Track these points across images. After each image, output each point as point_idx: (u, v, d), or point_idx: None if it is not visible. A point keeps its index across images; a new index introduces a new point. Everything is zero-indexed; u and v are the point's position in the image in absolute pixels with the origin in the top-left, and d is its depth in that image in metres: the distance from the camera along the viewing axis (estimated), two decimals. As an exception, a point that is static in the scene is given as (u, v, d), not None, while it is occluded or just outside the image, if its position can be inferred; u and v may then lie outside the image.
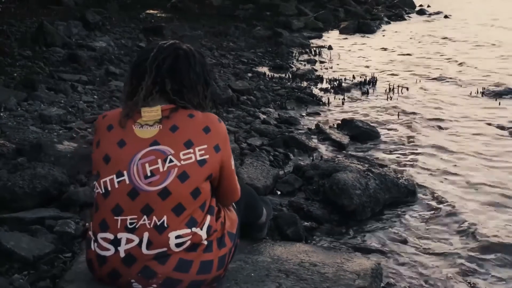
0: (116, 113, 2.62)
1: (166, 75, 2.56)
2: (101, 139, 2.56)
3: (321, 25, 17.87)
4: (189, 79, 2.60)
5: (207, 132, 2.52)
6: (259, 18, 17.82)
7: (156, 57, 2.57)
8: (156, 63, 2.56)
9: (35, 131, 5.46)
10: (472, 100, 8.77)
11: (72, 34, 11.18)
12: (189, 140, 2.49)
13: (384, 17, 20.54)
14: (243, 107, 7.60)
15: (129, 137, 2.50)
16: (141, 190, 2.44)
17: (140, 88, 2.54)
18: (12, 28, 11.58)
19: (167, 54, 2.59)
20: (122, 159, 2.48)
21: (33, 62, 8.82)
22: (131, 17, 14.94)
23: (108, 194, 2.47)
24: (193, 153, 2.47)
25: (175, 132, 2.49)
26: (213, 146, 2.53)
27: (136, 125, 2.52)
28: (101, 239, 2.50)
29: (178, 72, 2.58)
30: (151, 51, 2.60)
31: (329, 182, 4.67)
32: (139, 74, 2.58)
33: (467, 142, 6.70)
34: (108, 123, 2.58)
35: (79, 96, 7.31)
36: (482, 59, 12.22)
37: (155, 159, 2.45)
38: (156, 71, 2.54)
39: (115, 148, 2.49)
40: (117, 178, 2.46)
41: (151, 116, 2.51)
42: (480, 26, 17.95)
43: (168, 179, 2.44)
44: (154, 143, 2.48)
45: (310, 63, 11.85)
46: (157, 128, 2.50)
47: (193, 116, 2.55)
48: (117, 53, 10.36)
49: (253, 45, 13.60)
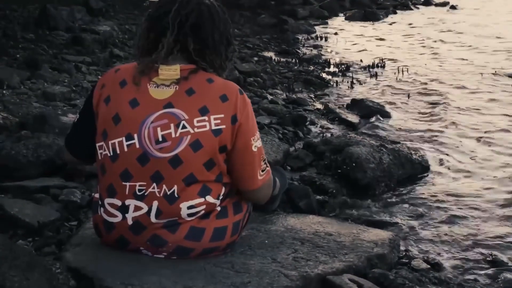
0: (130, 67, 2.44)
1: (189, 33, 2.36)
2: (112, 95, 2.37)
3: (327, 14, 17.71)
4: (213, 39, 2.41)
5: (224, 100, 2.32)
6: (264, 7, 17.65)
7: (179, 12, 2.36)
8: (179, 18, 2.35)
9: (39, 107, 5.33)
10: (483, 82, 8.62)
11: (76, 19, 11.03)
12: (205, 106, 2.31)
13: (390, 7, 20.34)
14: (250, 88, 7.46)
15: (143, 96, 2.33)
16: (152, 156, 2.28)
17: (161, 45, 2.36)
18: (14, 13, 11.46)
19: (191, 9, 2.38)
20: (133, 121, 2.31)
21: (36, 45, 8.69)
22: (135, 5, 14.77)
23: (116, 158, 2.32)
24: (208, 121, 2.29)
25: (191, 96, 2.31)
26: (230, 116, 2.32)
27: (151, 84, 2.34)
28: (108, 205, 2.36)
29: (202, 31, 2.39)
30: (173, 3, 2.39)
31: (342, 156, 4.54)
32: (159, 28, 2.39)
33: (484, 117, 6.55)
34: (122, 78, 2.39)
35: (83, 76, 7.19)
36: (490, 46, 12.05)
37: (167, 123, 2.28)
38: (179, 28, 2.35)
39: (127, 108, 2.32)
40: (127, 141, 2.30)
41: (169, 75, 2.33)
42: (488, 15, 17.78)
43: (180, 146, 2.28)
44: (168, 105, 2.30)
45: (316, 49, 11.70)
46: (173, 89, 2.32)
47: (212, 82, 2.36)
48: (121, 37, 10.24)
49: (258, 32, 13.45)
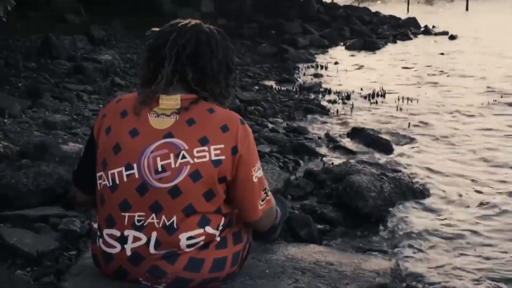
0: (131, 97, 2.43)
1: (187, 63, 2.35)
2: (113, 125, 2.36)
3: (327, 43, 17.85)
4: (211, 68, 2.39)
5: (225, 131, 2.30)
6: (264, 36, 17.80)
7: (176, 42, 2.36)
8: (176, 49, 2.35)
9: (40, 135, 5.34)
10: (485, 110, 8.65)
11: (78, 48, 11.12)
12: (205, 136, 2.28)
13: (390, 36, 20.51)
14: (251, 117, 7.48)
15: (143, 126, 2.31)
16: (151, 186, 2.26)
17: (160, 76, 2.36)
18: (17, 42, 11.57)
19: (188, 38, 2.37)
20: (133, 150, 2.29)
21: (38, 74, 8.76)
22: (137, 34, 14.90)
23: (115, 188, 2.30)
24: (208, 152, 2.26)
25: (191, 126, 2.29)
26: (230, 147, 2.29)
27: (151, 114, 2.33)
28: (106, 235, 2.33)
29: (200, 61, 2.37)
30: (171, 34, 2.39)
31: (343, 184, 4.51)
32: (158, 59, 2.38)
33: (482, 150, 6.55)
34: (123, 109, 2.38)
35: (85, 104, 7.22)
36: (488, 73, 12.12)
37: (167, 153, 2.26)
38: (176, 59, 2.35)
39: (127, 137, 2.31)
40: (126, 171, 2.28)
41: (169, 105, 2.31)
42: (485, 45, 17.90)
43: (179, 176, 2.25)
44: (168, 135, 2.29)
45: (317, 77, 11.76)
46: (173, 119, 2.30)
47: (213, 112, 2.34)
48: (123, 66, 10.31)
49: (259, 61, 13.55)
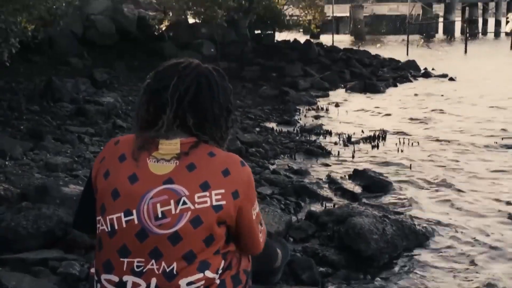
0: (129, 140, 2.40)
1: (187, 109, 2.35)
2: (111, 169, 2.33)
3: (327, 85, 17.95)
4: (212, 113, 2.37)
5: (226, 175, 2.28)
6: (265, 79, 17.94)
7: (178, 87, 2.33)
8: (178, 94, 2.33)
9: (41, 177, 5.33)
10: (486, 151, 8.66)
11: (80, 91, 11.22)
12: (206, 181, 2.26)
13: (390, 79, 20.64)
14: (252, 159, 7.49)
15: (142, 172, 2.28)
16: (151, 232, 2.22)
17: (161, 122, 2.35)
18: (20, 85, 11.66)
19: (189, 83, 2.36)
20: (133, 196, 2.26)
21: (40, 116, 8.80)
22: (139, 77, 15.01)
23: (114, 233, 2.26)
24: (209, 197, 2.23)
25: (191, 172, 2.27)
26: (231, 191, 2.26)
27: (151, 159, 2.30)
28: (105, 281, 2.28)
29: (201, 106, 2.36)
30: (171, 78, 2.38)
31: (345, 226, 4.48)
32: (158, 103, 2.37)
33: (484, 190, 6.53)
34: (121, 152, 2.36)
35: (86, 147, 7.23)
36: (488, 115, 12.16)
37: (167, 199, 2.23)
38: (178, 104, 2.35)
39: (126, 183, 2.28)
40: (125, 217, 2.24)
41: (169, 150, 2.29)
42: (484, 88, 18.02)
43: (180, 222, 2.22)
44: (168, 181, 2.26)
45: (318, 119, 11.82)
46: (173, 164, 2.27)
47: (214, 156, 2.32)
48: (124, 108, 10.37)
49: (260, 103, 13.63)
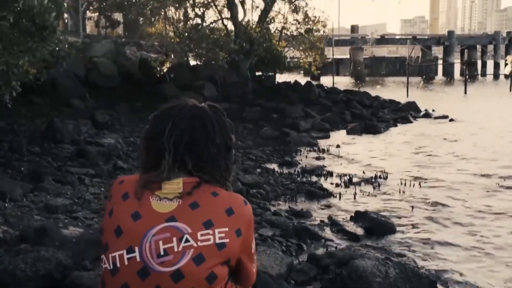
0: (133, 180, 2.41)
1: (185, 153, 2.37)
2: (115, 208, 2.34)
3: (328, 127, 18.01)
4: (209, 153, 2.39)
5: (230, 214, 2.28)
6: (267, 120, 18.00)
7: (173, 132, 2.36)
8: (173, 139, 2.35)
9: (40, 219, 5.29)
10: (488, 194, 8.62)
11: (81, 132, 11.24)
12: (209, 220, 2.26)
13: (390, 120, 20.71)
14: (253, 200, 7.44)
15: (145, 209, 2.28)
16: (152, 270, 2.20)
17: (162, 166, 2.36)
18: (22, 127, 11.69)
19: (184, 127, 2.38)
20: (135, 234, 2.26)
21: (41, 157, 8.79)
22: (140, 118, 15.08)
23: (116, 271, 2.24)
24: (212, 235, 2.23)
25: (194, 210, 2.26)
26: (234, 230, 2.26)
27: (154, 198, 2.30)
28: (108, 319, 2.26)
29: (197, 147, 2.38)
30: (166, 123, 2.41)
31: (347, 269, 4.42)
32: (156, 148, 2.40)
33: (486, 232, 6.47)
34: (124, 191, 2.37)
35: (86, 188, 7.20)
36: (489, 156, 12.15)
37: (170, 237, 2.22)
38: (175, 149, 2.36)
39: (129, 221, 2.28)
40: (128, 254, 2.23)
41: (171, 189, 2.29)
42: (484, 129, 18.08)
43: (182, 260, 2.20)
44: (171, 219, 2.25)
45: (319, 160, 11.80)
46: (176, 203, 2.27)
47: (217, 195, 2.33)
48: (125, 150, 10.37)
49: (261, 144, 13.65)
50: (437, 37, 63.07)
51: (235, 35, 23.68)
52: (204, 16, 25.15)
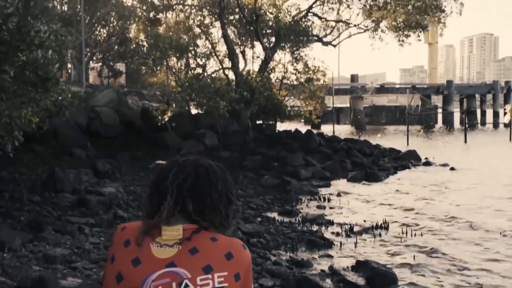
0: (135, 226, 2.46)
1: (187, 195, 2.42)
2: (116, 254, 2.37)
3: (329, 175, 18.01)
4: (211, 199, 2.45)
5: (229, 258, 2.32)
6: (267, 168, 18.03)
7: (177, 176, 2.44)
8: (177, 182, 2.43)
9: (38, 270, 5.25)
10: (490, 242, 8.57)
11: (82, 181, 11.26)
12: (209, 265, 2.29)
13: (391, 168, 20.73)
14: (253, 249, 7.40)
15: (145, 255, 2.32)
16: (153, 315, 2.22)
17: (162, 207, 2.41)
18: (23, 176, 11.72)
19: (188, 172, 2.47)
20: (135, 280, 2.28)
21: (41, 207, 8.79)
22: (141, 167, 15.12)
23: (117, 316, 2.25)
24: (211, 279, 2.26)
25: (194, 255, 2.30)
26: (233, 274, 2.30)
27: (154, 244, 2.34)
28: None
29: (200, 192, 2.44)
30: (171, 169, 2.48)
31: (348, 320, 4.37)
32: (160, 193, 2.45)
33: (490, 284, 6.40)
34: (126, 238, 2.41)
35: (86, 237, 7.17)
36: (491, 206, 12.12)
37: (169, 282, 2.24)
38: (178, 191, 2.42)
39: (129, 267, 2.30)
40: (128, 300, 2.26)
41: (171, 236, 2.34)
42: (485, 177, 18.09)
43: (182, 304, 2.23)
44: (171, 264, 2.28)
45: (319, 209, 11.76)
46: (176, 249, 2.31)
47: (216, 240, 2.37)
48: (126, 199, 10.36)
49: (262, 192, 13.63)
50: (436, 86, 63.65)
51: (236, 84, 23.96)
52: (206, 66, 25.57)
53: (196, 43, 25.67)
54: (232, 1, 25.22)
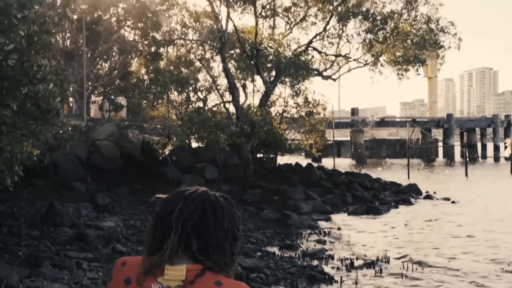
0: (136, 263, 2.40)
1: (192, 233, 2.37)
2: None
3: (329, 209, 17.94)
4: (216, 238, 2.39)
5: None
6: (268, 202, 17.96)
7: (182, 212, 2.38)
8: (182, 218, 2.37)
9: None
10: (493, 278, 8.47)
11: (81, 215, 11.22)
12: None
13: (392, 202, 20.65)
14: (253, 285, 7.33)
15: None
16: None
17: (165, 245, 2.36)
18: (22, 210, 11.68)
19: (194, 208, 2.41)
20: None
21: (39, 241, 8.74)
22: (141, 201, 15.08)
23: None
24: None
25: None
26: None
27: (155, 285, 2.29)
28: None
29: (205, 230, 2.39)
30: (177, 203, 2.43)
31: None
32: (163, 228, 2.40)
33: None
34: (127, 276, 2.35)
35: (84, 272, 7.12)
36: (493, 239, 12.04)
37: (170, 325, 2.21)
38: (182, 228, 2.37)
39: None
40: None
41: (174, 276, 2.28)
42: (486, 212, 18.01)
43: None
44: None
45: (320, 243, 11.68)
46: None
47: (221, 284, 2.32)
48: (125, 233, 10.30)
49: (262, 226, 13.56)
50: (436, 120, 63.83)
51: (236, 118, 24.06)
52: (206, 99, 25.71)
53: (197, 77, 25.86)
54: (233, 36, 25.47)
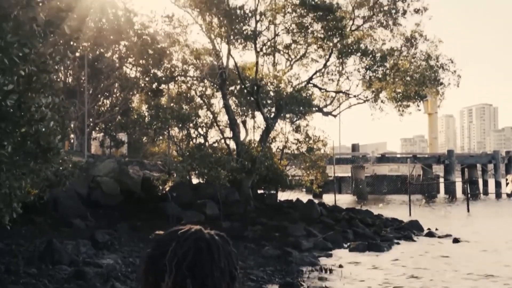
0: None
1: (187, 274, 2.31)
2: None
3: (331, 245, 17.81)
4: (212, 278, 2.34)
5: None
6: (268, 239, 17.82)
7: (176, 252, 2.32)
8: (176, 259, 2.31)
9: None
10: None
11: (80, 252, 11.12)
12: None
13: (393, 239, 20.51)
14: (253, 324, 7.20)
15: None
16: None
17: None
18: (20, 247, 11.58)
19: (188, 247, 2.34)
20: None
21: (37, 280, 8.64)
22: (140, 238, 14.96)
23: None
24: None
25: None
26: None
27: None
28: None
29: (200, 271, 2.33)
30: (169, 243, 2.37)
31: None
32: (157, 271, 2.35)
33: None
34: None
35: (82, 312, 7.00)
36: (496, 276, 11.90)
37: None
38: (176, 270, 2.31)
39: None
40: None
41: None
42: (488, 249, 17.86)
43: None
44: None
45: (321, 281, 11.56)
46: None
47: None
48: (124, 270, 10.20)
49: (262, 263, 13.43)
50: (437, 156, 63.77)
51: (237, 154, 24.07)
52: (207, 135, 25.78)
53: (197, 113, 25.96)
54: (233, 73, 25.67)
